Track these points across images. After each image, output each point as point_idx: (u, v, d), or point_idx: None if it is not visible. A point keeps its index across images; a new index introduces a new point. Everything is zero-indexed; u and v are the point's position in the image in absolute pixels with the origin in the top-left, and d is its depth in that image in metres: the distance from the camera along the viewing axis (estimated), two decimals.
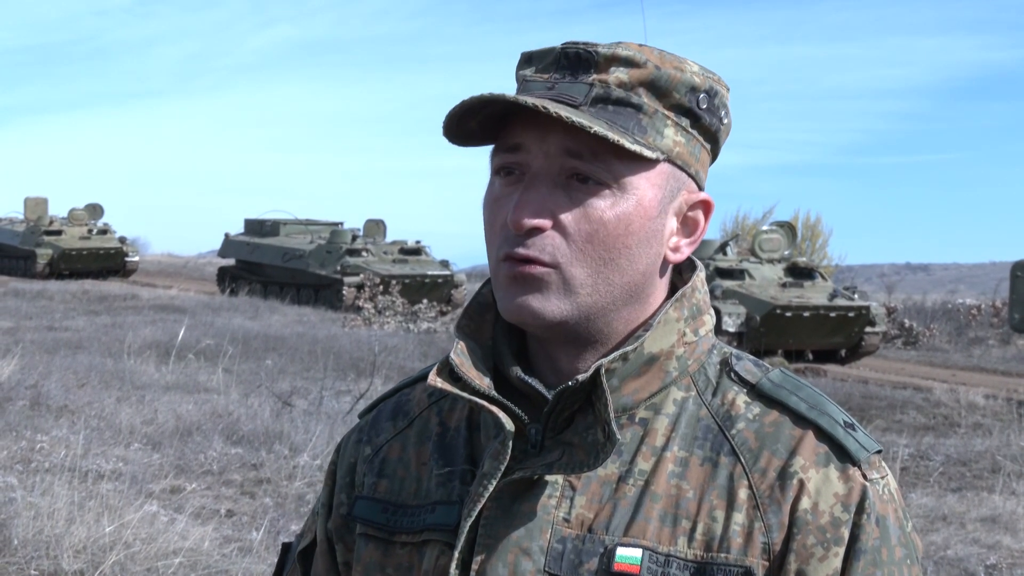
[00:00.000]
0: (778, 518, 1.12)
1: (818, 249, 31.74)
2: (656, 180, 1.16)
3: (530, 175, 1.16)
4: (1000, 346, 23.20)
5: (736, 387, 1.19)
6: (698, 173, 1.20)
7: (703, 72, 1.18)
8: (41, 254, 31.14)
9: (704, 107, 1.17)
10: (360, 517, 1.27)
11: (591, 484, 1.16)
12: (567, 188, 1.15)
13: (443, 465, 1.24)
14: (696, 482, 1.14)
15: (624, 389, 1.17)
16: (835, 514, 1.12)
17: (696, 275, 1.23)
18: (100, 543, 5.48)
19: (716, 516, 1.13)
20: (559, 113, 1.09)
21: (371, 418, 1.34)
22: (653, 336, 1.17)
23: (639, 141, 1.14)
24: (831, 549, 1.12)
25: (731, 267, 18.90)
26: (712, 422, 1.17)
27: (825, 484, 1.13)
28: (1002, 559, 6.87)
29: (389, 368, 13.06)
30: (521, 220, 1.14)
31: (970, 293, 43.91)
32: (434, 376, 1.19)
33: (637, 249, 1.16)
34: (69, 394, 10.07)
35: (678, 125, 1.17)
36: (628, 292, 1.18)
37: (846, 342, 18.85)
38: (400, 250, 25.93)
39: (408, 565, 1.22)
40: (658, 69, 1.15)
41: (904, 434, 11.29)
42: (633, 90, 1.15)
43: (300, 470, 7.88)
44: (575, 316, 1.16)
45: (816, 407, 1.17)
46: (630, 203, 1.15)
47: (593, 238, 1.15)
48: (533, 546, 1.15)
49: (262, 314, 21.15)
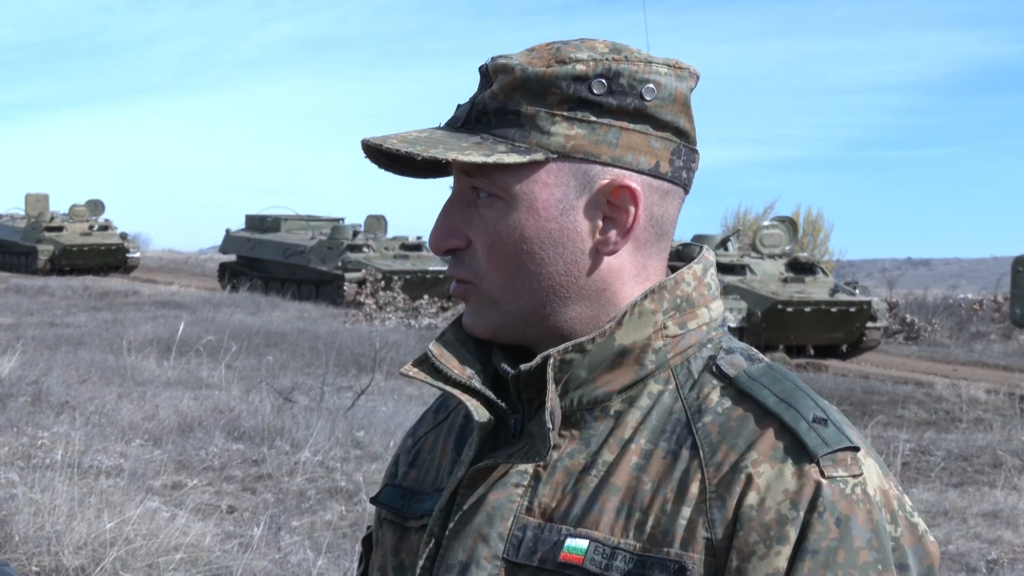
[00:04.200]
0: (723, 513, 1.09)
1: (819, 244, 31.76)
2: (550, 180, 1.15)
3: (448, 198, 1.21)
4: (1001, 341, 23.18)
5: (714, 381, 1.16)
6: (622, 158, 1.16)
7: (599, 56, 1.15)
8: (42, 250, 31.17)
9: (599, 92, 1.14)
10: (383, 503, 1.32)
11: (556, 474, 1.16)
12: (475, 204, 1.18)
13: (454, 455, 1.27)
14: (655, 474, 1.13)
15: (597, 381, 1.16)
16: (782, 511, 1.08)
17: (689, 268, 1.21)
18: (101, 539, 5.48)
19: (667, 509, 1.11)
20: (394, 147, 1.14)
21: (426, 411, 1.40)
22: (624, 328, 1.16)
23: (518, 147, 1.14)
24: (773, 547, 1.07)
25: (732, 262, 18.89)
26: (683, 415, 1.15)
27: (776, 480, 1.09)
28: (1003, 554, 6.87)
29: (390, 364, 13.06)
30: (434, 243, 1.21)
31: (971, 288, 43.86)
32: (409, 366, 1.22)
33: (543, 252, 1.16)
34: (70, 390, 10.07)
35: (572, 119, 1.15)
36: (556, 294, 1.17)
37: (847, 337, 18.86)
38: (401, 246, 25.94)
39: (415, 549, 1.24)
40: (525, 71, 1.15)
41: (905, 429, 11.29)
42: (509, 98, 1.16)
43: (301, 466, 7.89)
44: (509, 323, 1.19)
45: (785, 401, 1.13)
46: (521, 210, 1.15)
47: (494, 249, 1.17)
48: (492, 533, 1.16)
49: (263, 310, 21.16)
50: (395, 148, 1.14)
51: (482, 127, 1.17)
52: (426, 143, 1.15)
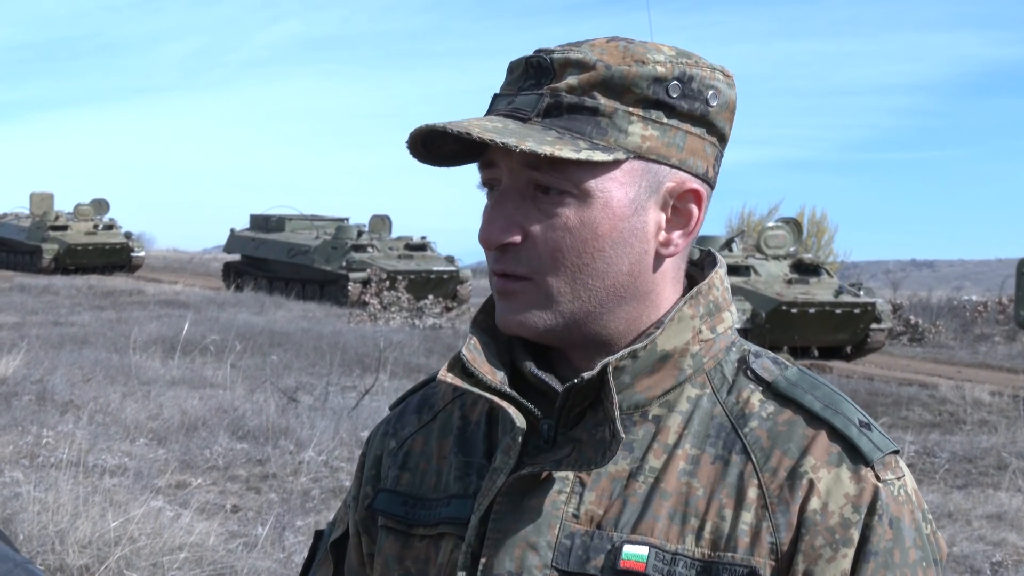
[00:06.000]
0: (786, 518, 1.11)
1: (824, 245, 31.71)
2: (624, 179, 1.15)
3: (500, 190, 1.17)
4: (1006, 343, 23.14)
5: (752, 385, 1.18)
6: (687, 161, 1.17)
7: (673, 59, 1.16)
8: (47, 249, 31.18)
9: (676, 95, 1.15)
10: (381, 510, 1.28)
11: (601, 480, 1.15)
12: (535, 200, 1.16)
13: (462, 459, 1.24)
14: (706, 480, 1.14)
15: (637, 386, 1.16)
16: (845, 515, 1.11)
17: (715, 272, 1.22)
18: (105, 538, 5.49)
19: (725, 515, 1.12)
20: (482, 137, 1.10)
21: (399, 411, 1.35)
22: (666, 333, 1.16)
23: (597, 144, 1.13)
24: (840, 550, 1.11)
25: (737, 263, 18.87)
26: (726, 420, 1.16)
27: (836, 484, 1.12)
28: (1008, 556, 6.87)
29: (394, 364, 13.07)
30: (490, 238, 1.17)
31: (976, 290, 43.79)
32: (444, 371, 1.19)
33: (612, 251, 1.16)
34: (74, 389, 10.08)
35: (647, 119, 1.15)
36: (615, 294, 1.17)
37: (852, 339, 18.84)
38: (406, 246, 25.93)
39: (425, 558, 1.22)
40: (609, 68, 1.14)
41: (910, 431, 11.28)
42: (587, 93, 1.14)
43: (305, 465, 7.89)
44: (561, 324, 1.17)
45: (831, 406, 1.16)
46: (595, 207, 1.14)
47: (562, 246, 1.15)
48: (540, 541, 1.15)
49: (267, 310, 21.17)
50: (488, 138, 1.10)
51: (552, 121, 1.14)
52: (514, 135, 1.12)
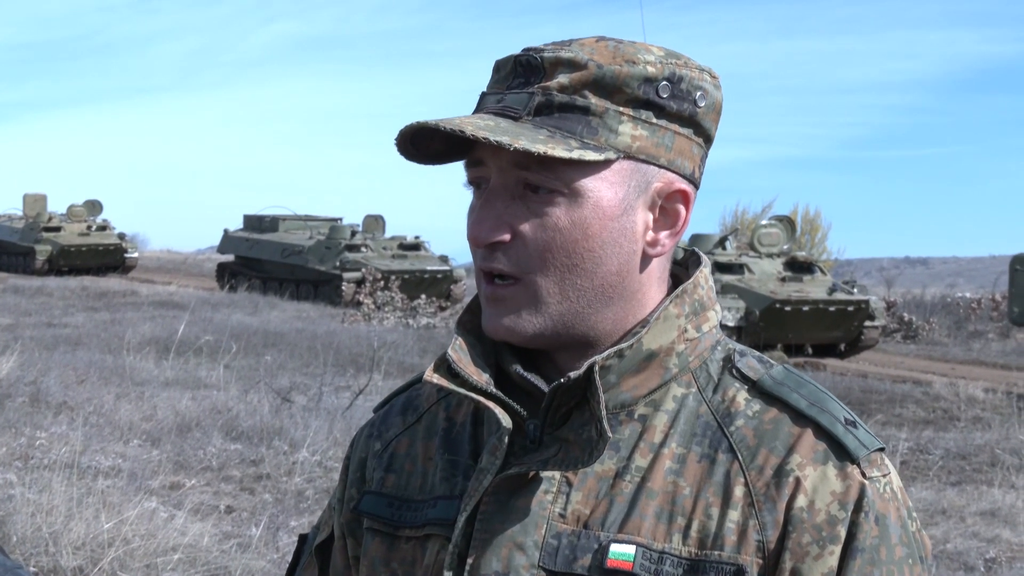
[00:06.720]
0: (773, 516, 1.11)
1: (817, 243, 31.77)
2: (614, 179, 1.15)
3: (489, 189, 1.17)
4: (999, 340, 23.20)
5: (737, 384, 1.18)
6: (674, 162, 1.17)
7: (663, 59, 1.16)
8: (40, 250, 31.12)
9: (665, 96, 1.15)
10: (366, 511, 1.28)
11: (588, 480, 1.15)
12: (524, 199, 1.16)
13: (448, 460, 1.24)
14: (693, 479, 1.14)
15: (623, 385, 1.16)
16: (832, 512, 1.12)
17: (700, 271, 1.22)
18: (99, 539, 5.48)
19: (711, 513, 1.12)
20: (475, 135, 1.10)
21: (383, 413, 1.35)
22: (652, 332, 1.17)
23: (587, 144, 1.13)
24: (827, 547, 1.11)
25: (730, 261, 18.90)
26: (711, 419, 1.16)
27: (822, 482, 1.12)
28: (1001, 552, 6.88)
29: (388, 364, 13.06)
30: (479, 236, 1.16)
31: (969, 287, 43.89)
32: (430, 372, 1.19)
33: (602, 251, 1.16)
34: (68, 390, 10.07)
35: (637, 119, 1.15)
36: (603, 294, 1.17)
37: (845, 336, 18.87)
38: (399, 245, 25.92)
39: (411, 559, 1.22)
40: (600, 68, 1.14)
41: (904, 428, 11.30)
42: (577, 92, 1.14)
43: (299, 466, 7.88)
44: (550, 326, 1.17)
45: (816, 404, 1.16)
46: (586, 207, 1.14)
47: (552, 246, 1.15)
48: (527, 541, 1.15)
49: (261, 310, 21.15)
50: (482, 136, 1.10)
51: (543, 119, 1.14)
52: (507, 133, 1.11)
